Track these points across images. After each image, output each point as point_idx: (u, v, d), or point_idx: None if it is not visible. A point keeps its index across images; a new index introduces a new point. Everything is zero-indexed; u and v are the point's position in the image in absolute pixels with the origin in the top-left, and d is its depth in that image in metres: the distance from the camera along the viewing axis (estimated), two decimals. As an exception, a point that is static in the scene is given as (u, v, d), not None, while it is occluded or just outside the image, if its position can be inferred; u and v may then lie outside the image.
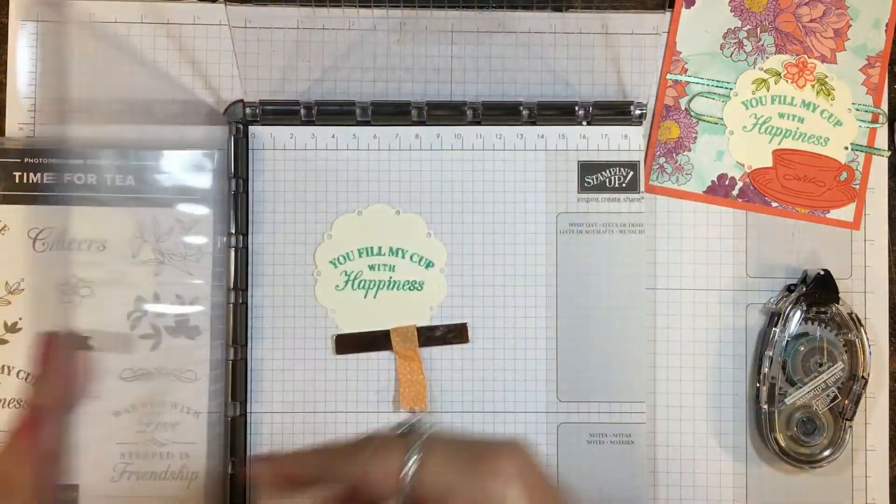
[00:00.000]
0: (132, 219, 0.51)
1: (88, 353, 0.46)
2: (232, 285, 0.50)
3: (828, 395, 0.50)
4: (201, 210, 0.51)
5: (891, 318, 0.53)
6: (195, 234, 0.51)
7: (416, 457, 0.33)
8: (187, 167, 0.51)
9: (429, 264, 0.51)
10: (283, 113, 0.51)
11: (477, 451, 0.33)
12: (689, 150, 0.53)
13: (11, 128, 0.52)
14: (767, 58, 0.53)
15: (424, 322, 0.51)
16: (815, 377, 0.50)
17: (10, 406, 0.50)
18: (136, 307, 0.51)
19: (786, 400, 0.50)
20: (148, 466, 0.50)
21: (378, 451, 0.34)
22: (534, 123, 0.51)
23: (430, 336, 0.51)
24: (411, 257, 0.51)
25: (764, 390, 0.50)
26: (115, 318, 0.51)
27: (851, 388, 0.50)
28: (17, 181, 0.51)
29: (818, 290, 0.50)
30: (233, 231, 0.50)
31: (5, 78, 0.52)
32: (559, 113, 0.51)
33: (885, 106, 0.53)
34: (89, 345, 0.50)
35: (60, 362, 0.37)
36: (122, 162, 0.51)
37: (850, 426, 0.50)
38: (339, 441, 0.35)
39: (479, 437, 0.35)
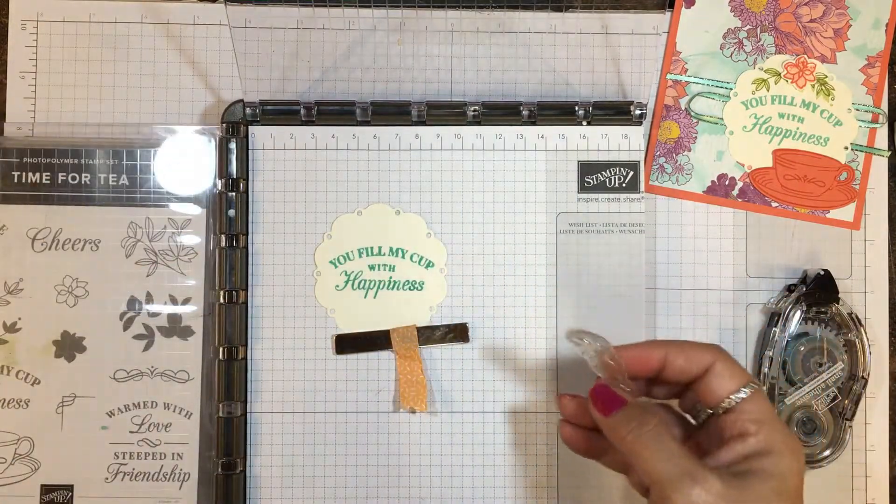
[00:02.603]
0: (125, 218, 0.51)
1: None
2: (230, 285, 0.50)
3: (828, 395, 0.50)
4: (194, 210, 0.51)
5: (891, 318, 0.53)
6: (188, 233, 0.51)
7: (750, 389, 0.38)
8: (180, 166, 0.51)
9: (429, 264, 0.51)
10: (283, 113, 0.51)
11: (785, 426, 0.39)
12: (689, 150, 0.53)
13: (11, 128, 0.52)
14: (767, 58, 0.53)
15: (424, 322, 0.51)
16: (815, 377, 0.50)
17: (10, 406, 0.50)
18: (130, 307, 0.51)
19: (786, 400, 0.50)
20: (141, 467, 0.50)
21: (726, 364, 0.39)
22: (534, 123, 0.51)
23: (430, 336, 0.51)
24: (411, 257, 0.51)
25: (764, 390, 0.50)
26: (109, 319, 0.51)
27: (851, 388, 0.50)
28: (16, 181, 0.51)
29: (818, 290, 0.50)
30: (233, 231, 0.50)
31: (5, 78, 0.52)
32: (559, 113, 0.51)
33: (885, 106, 0.53)
34: (83, 345, 0.50)
35: None
36: (115, 161, 0.51)
37: (850, 426, 0.51)
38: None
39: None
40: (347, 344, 0.51)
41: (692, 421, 0.42)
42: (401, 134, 0.51)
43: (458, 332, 0.51)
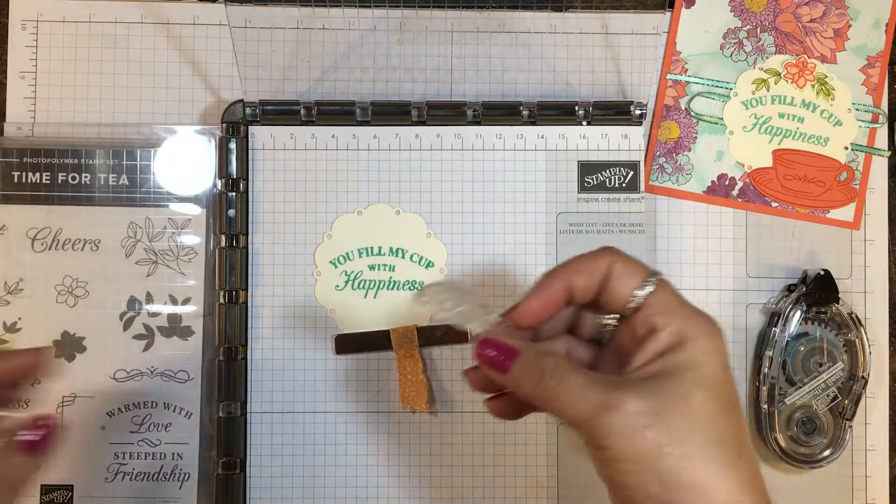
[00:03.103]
0: (125, 218, 0.51)
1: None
2: (230, 285, 0.50)
3: (828, 395, 0.50)
4: (194, 210, 0.51)
5: (891, 318, 0.53)
6: (188, 233, 0.51)
7: (654, 281, 0.35)
8: (180, 166, 0.51)
9: (429, 264, 0.51)
10: (283, 113, 0.51)
11: (697, 311, 0.35)
12: (689, 150, 0.53)
13: (11, 128, 0.52)
14: (767, 58, 0.53)
15: (424, 322, 0.51)
16: (815, 377, 0.50)
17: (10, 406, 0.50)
18: (130, 307, 0.51)
19: (786, 400, 0.50)
20: (141, 467, 0.50)
21: (624, 262, 0.36)
22: (534, 123, 0.51)
23: (430, 336, 0.51)
24: (411, 257, 0.51)
25: (764, 390, 0.50)
26: (109, 319, 0.51)
27: (851, 388, 0.50)
28: (16, 181, 0.51)
29: (818, 290, 0.50)
30: (233, 231, 0.50)
31: (5, 78, 0.52)
32: (559, 113, 0.51)
33: (885, 106, 0.53)
34: (84, 345, 0.50)
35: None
36: (115, 161, 0.51)
37: (850, 426, 0.50)
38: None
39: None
40: (347, 344, 0.51)
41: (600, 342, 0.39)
42: (401, 134, 0.51)
43: (458, 333, 0.51)
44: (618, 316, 0.37)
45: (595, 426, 0.32)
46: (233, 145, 0.50)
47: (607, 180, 0.51)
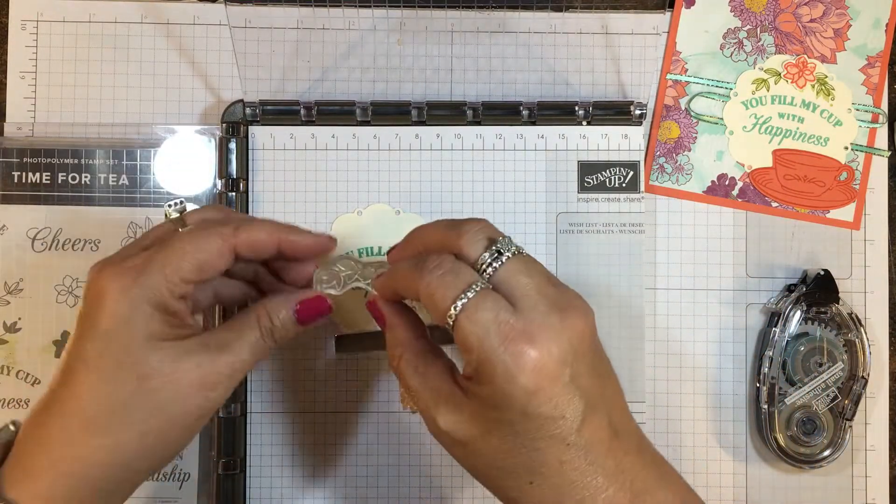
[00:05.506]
0: (125, 218, 0.51)
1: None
2: (232, 285, 0.50)
3: (828, 395, 0.50)
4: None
5: (891, 318, 0.53)
6: (190, 233, 0.51)
7: (508, 255, 0.36)
8: (180, 166, 0.51)
9: (429, 264, 0.51)
10: (283, 113, 0.51)
11: (558, 284, 0.37)
12: (689, 150, 0.53)
13: (11, 128, 0.52)
14: (767, 58, 0.53)
15: (425, 322, 0.51)
16: (815, 377, 0.50)
17: (10, 406, 0.50)
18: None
19: (786, 400, 0.50)
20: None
21: (481, 229, 0.37)
22: (534, 123, 0.51)
23: (431, 336, 0.50)
24: (411, 257, 0.51)
25: (764, 390, 0.50)
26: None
27: (851, 388, 0.50)
28: (16, 181, 0.51)
29: (818, 290, 0.50)
30: (233, 231, 0.50)
31: (5, 78, 0.52)
32: (559, 113, 0.51)
33: (885, 106, 0.53)
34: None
35: None
36: (115, 161, 0.51)
37: (850, 426, 0.50)
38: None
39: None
40: (347, 344, 0.51)
41: None
42: (401, 134, 0.51)
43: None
44: None
45: (428, 417, 0.37)
46: (233, 145, 0.50)
47: (607, 180, 0.51)
